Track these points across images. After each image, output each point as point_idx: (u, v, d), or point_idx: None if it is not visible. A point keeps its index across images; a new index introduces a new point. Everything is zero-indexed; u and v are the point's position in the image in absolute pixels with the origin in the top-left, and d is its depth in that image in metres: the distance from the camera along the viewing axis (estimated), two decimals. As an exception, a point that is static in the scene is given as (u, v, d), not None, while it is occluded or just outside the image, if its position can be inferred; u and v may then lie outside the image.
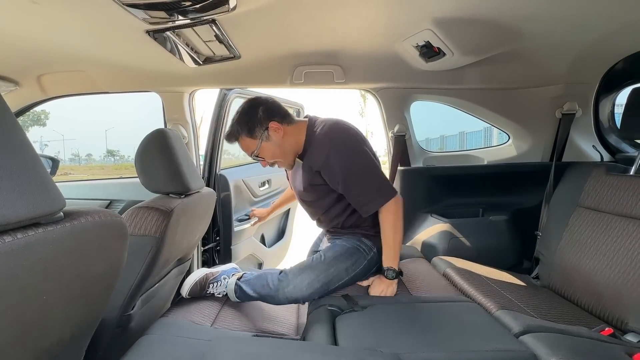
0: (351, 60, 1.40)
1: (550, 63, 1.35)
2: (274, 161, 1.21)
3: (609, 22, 1.05)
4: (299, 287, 1.12)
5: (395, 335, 0.84)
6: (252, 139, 1.16)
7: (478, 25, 1.08)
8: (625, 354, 0.81)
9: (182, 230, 1.19)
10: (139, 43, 1.04)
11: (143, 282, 1.01)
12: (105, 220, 0.59)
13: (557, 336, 0.84)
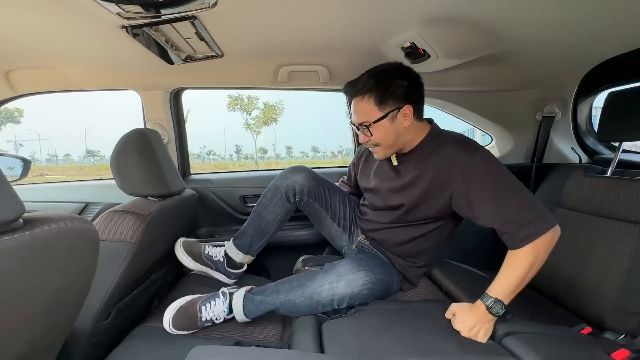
0: (337, 60, 1.39)
1: (531, 67, 1.37)
2: (377, 144, 1.03)
3: (585, 29, 1.07)
4: (353, 282, 0.99)
5: (381, 341, 0.83)
6: (378, 109, 0.97)
7: (462, 28, 1.09)
8: (604, 352, 0.83)
9: (162, 235, 1.14)
10: (114, 39, 1.00)
11: (119, 289, 0.96)
12: (72, 226, 0.55)
13: (538, 337, 0.85)
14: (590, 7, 0.94)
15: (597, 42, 1.17)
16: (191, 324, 1.03)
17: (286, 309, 1.02)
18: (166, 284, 1.54)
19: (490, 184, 0.89)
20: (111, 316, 1.00)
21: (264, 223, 1.24)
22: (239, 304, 1.04)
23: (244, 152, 30.46)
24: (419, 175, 1.01)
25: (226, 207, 1.68)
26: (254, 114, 21.43)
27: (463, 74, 1.44)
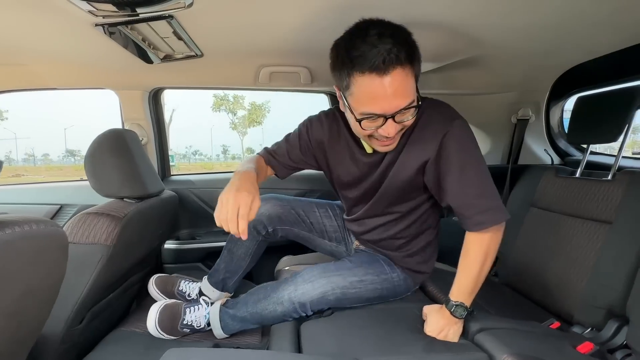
0: (318, 62, 1.39)
1: (506, 71, 1.42)
2: (404, 130, 0.84)
3: (555, 35, 1.12)
4: (310, 289, 0.94)
5: (359, 340, 0.84)
6: (414, 75, 0.77)
7: (438, 33, 1.11)
8: (570, 345, 0.86)
9: (139, 237, 1.12)
10: (87, 37, 0.97)
11: (93, 293, 0.94)
12: (39, 229, 0.54)
13: (509, 332, 0.88)
14: (559, 15, 0.98)
15: (566, 48, 1.22)
16: (173, 326, 1.03)
17: (256, 321, 1.00)
18: (145, 287, 1.51)
19: (461, 160, 0.83)
20: (85, 320, 0.98)
21: (236, 258, 1.19)
22: (216, 319, 1.02)
23: (230, 152, 30.10)
24: (403, 153, 0.89)
25: (207, 209, 1.66)
26: (239, 114, 21.21)
27: (440, 77, 1.48)
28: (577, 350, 0.85)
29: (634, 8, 0.92)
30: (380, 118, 0.76)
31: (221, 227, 0.81)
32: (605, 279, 0.97)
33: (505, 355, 0.77)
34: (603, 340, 0.92)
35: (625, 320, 0.91)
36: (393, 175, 0.92)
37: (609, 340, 0.91)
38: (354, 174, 1.01)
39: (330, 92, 1.67)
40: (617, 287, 0.94)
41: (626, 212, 0.99)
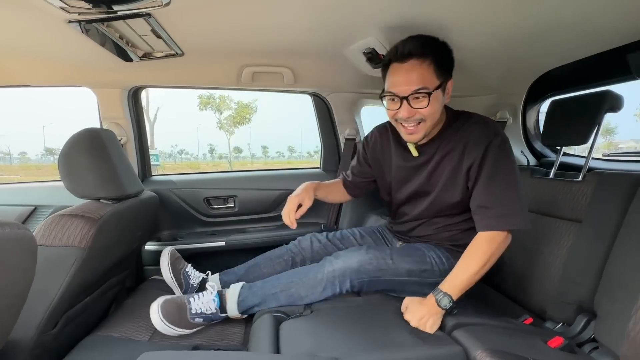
0: (301, 62, 1.40)
1: (484, 74, 1.46)
2: (422, 120, 0.92)
3: (530, 41, 1.16)
4: (349, 258, 0.98)
5: (338, 338, 0.85)
6: (437, 77, 0.89)
7: (418, 36, 1.14)
8: (542, 340, 0.90)
9: (117, 239, 1.10)
10: (61, 33, 0.95)
11: (67, 297, 0.92)
12: (5, 233, 0.52)
13: (485, 329, 0.91)
14: (533, 23, 1.02)
15: (540, 54, 1.27)
16: (181, 315, 1.00)
17: (287, 294, 1.02)
18: (125, 290, 1.48)
19: (499, 163, 0.91)
20: (59, 325, 0.95)
21: (257, 273, 1.21)
22: (234, 295, 1.04)
23: (217, 152, 29.73)
24: (445, 156, 0.98)
25: (189, 210, 1.64)
26: (226, 113, 20.95)
27: (422, 79, 1.50)
28: (548, 344, 0.88)
29: (600, 17, 0.97)
30: (398, 100, 0.92)
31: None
32: (575, 276, 1.01)
33: (480, 351, 0.80)
34: (573, 334, 0.96)
35: (593, 315, 0.95)
36: (435, 176, 1.01)
37: (578, 335, 0.95)
38: (401, 176, 1.10)
39: (313, 92, 1.67)
40: (586, 283, 0.98)
41: (594, 212, 1.04)
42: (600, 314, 0.92)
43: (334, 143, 1.76)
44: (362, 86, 1.57)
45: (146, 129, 1.68)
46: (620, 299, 0.87)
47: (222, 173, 1.84)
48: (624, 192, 0.98)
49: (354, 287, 1.01)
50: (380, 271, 1.00)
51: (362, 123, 1.77)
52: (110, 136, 1.13)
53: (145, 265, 1.60)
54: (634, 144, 20.05)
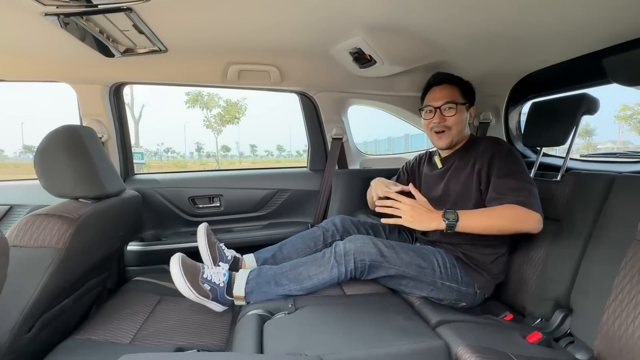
0: (288, 61, 1.39)
1: (468, 76, 1.47)
2: (449, 127, 1.17)
3: (511, 45, 1.19)
4: (353, 241, 1.07)
5: (322, 336, 0.85)
6: (462, 97, 1.18)
7: (404, 38, 1.15)
8: (520, 335, 0.92)
9: (97, 239, 1.07)
10: (37, 27, 0.91)
11: (43, 299, 0.89)
12: (-28, 233, 0.50)
13: (467, 325, 0.93)
14: (514, 27, 1.05)
15: (521, 57, 1.30)
16: (194, 276, 1.06)
17: (296, 272, 1.08)
18: (106, 292, 1.44)
19: (506, 166, 1.07)
20: (35, 329, 0.92)
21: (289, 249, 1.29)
22: (244, 274, 1.09)
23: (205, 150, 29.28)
24: (460, 165, 1.18)
25: (174, 209, 1.61)
26: (215, 111, 20.63)
27: (408, 80, 1.53)
28: (527, 339, 0.91)
29: (578, 23, 1.00)
30: (433, 110, 1.19)
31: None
32: (553, 273, 1.05)
33: (461, 347, 0.81)
34: (550, 329, 0.99)
35: (570, 311, 0.98)
36: (453, 182, 1.19)
37: (556, 330, 0.98)
38: (427, 182, 1.31)
39: (300, 92, 1.67)
40: (563, 280, 1.01)
41: (571, 211, 1.07)
42: (575, 309, 0.96)
43: (321, 142, 1.76)
44: (349, 86, 1.58)
45: (130, 126, 1.64)
46: (594, 295, 0.91)
47: (207, 172, 1.81)
48: (598, 191, 1.02)
49: (357, 269, 1.05)
50: (382, 257, 1.05)
51: (349, 122, 1.78)
52: (89, 133, 1.10)
53: (128, 266, 1.56)
54: (611, 144, 20.93)
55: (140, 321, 1.11)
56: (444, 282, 1.07)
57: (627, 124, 19.12)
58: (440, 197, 1.22)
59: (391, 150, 25.98)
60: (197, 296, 1.05)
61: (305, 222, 1.76)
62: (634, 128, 19.20)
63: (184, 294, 1.04)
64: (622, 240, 0.90)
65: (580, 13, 0.95)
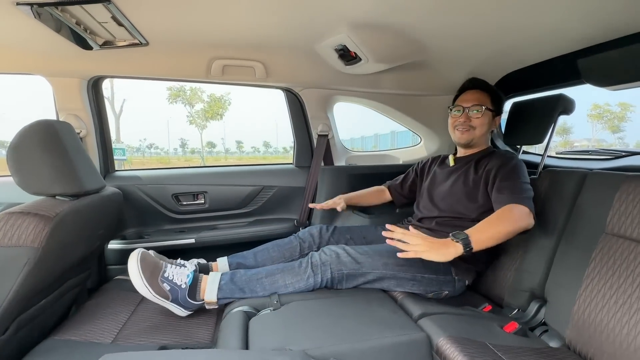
0: (273, 57, 1.38)
1: (451, 74, 1.52)
2: (473, 127, 1.24)
3: (491, 45, 1.22)
4: (332, 248, 1.09)
5: (307, 331, 0.86)
6: (491, 104, 1.25)
7: (388, 35, 1.16)
8: (498, 325, 0.96)
9: (75, 238, 1.04)
10: (8, 17, 0.87)
11: (19, 300, 0.86)
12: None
13: (447, 317, 0.96)
14: (494, 27, 1.08)
15: (501, 56, 1.34)
16: (154, 273, 1.03)
17: (272, 280, 1.07)
18: (86, 291, 1.40)
19: (510, 175, 1.13)
20: (10, 330, 0.89)
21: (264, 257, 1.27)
22: (216, 278, 1.06)
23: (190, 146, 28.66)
24: (473, 169, 1.24)
25: (157, 206, 1.58)
26: (198, 107, 20.19)
27: (393, 77, 1.54)
28: (504, 329, 0.95)
29: (554, 25, 1.04)
30: (461, 109, 1.26)
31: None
32: (528, 266, 1.09)
33: (442, 338, 0.84)
34: (526, 319, 1.03)
35: (544, 301, 1.03)
36: (461, 179, 1.25)
37: (531, 319, 1.03)
38: (437, 178, 1.35)
39: (286, 88, 1.66)
40: (538, 272, 1.06)
41: (548, 206, 1.12)
42: (549, 300, 1.00)
43: (307, 139, 1.76)
44: (334, 83, 1.58)
45: (111, 121, 1.60)
46: (566, 286, 0.95)
47: (191, 168, 1.78)
48: (572, 187, 1.07)
49: (334, 279, 1.07)
50: (358, 264, 1.08)
51: (334, 119, 1.78)
52: (66, 128, 1.06)
53: (109, 265, 1.52)
54: (587, 142, 21.93)
55: (123, 320, 1.09)
56: (424, 274, 1.10)
57: (599, 123, 20.03)
58: (447, 192, 1.26)
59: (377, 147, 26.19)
60: (154, 295, 1.01)
61: (291, 219, 1.76)
62: (607, 126, 20.12)
63: (140, 291, 1.01)
64: (592, 234, 0.94)
65: (555, 16, 0.98)
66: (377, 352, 0.82)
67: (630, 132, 20.90)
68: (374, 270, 1.09)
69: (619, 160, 1.33)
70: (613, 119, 19.52)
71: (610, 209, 0.92)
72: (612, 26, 1.03)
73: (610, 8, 0.93)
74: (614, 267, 0.86)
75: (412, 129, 1.93)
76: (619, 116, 19.30)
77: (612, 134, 20.78)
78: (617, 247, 0.88)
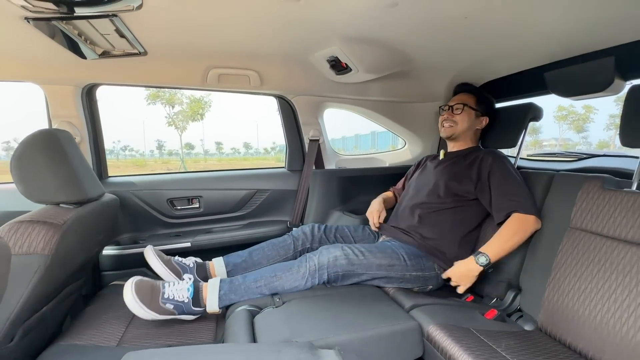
0: (267, 66, 1.44)
1: (433, 83, 1.63)
2: (456, 123, 1.37)
3: (470, 57, 1.34)
4: (326, 254, 1.13)
5: (310, 325, 0.93)
6: (475, 104, 1.37)
7: (377, 48, 1.25)
8: (479, 313, 1.07)
9: (79, 245, 1.06)
10: (12, 29, 0.89)
11: (27, 307, 0.88)
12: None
13: (435, 307, 1.06)
14: (470, 42, 1.19)
15: (477, 68, 1.47)
16: (153, 298, 1.03)
17: (271, 287, 1.11)
18: (81, 298, 1.40)
19: (504, 174, 1.22)
20: (17, 337, 0.90)
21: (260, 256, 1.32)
22: (215, 287, 1.09)
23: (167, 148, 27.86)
24: (461, 162, 1.34)
25: (152, 211, 1.60)
26: (177, 108, 19.72)
27: (380, 86, 1.64)
28: (485, 316, 1.06)
29: (522, 42, 1.16)
30: (447, 108, 1.41)
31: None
32: (505, 259, 1.21)
33: (432, 325, 0.94)
34: (504, 307, 1.14)
35: (519, 290, 1.14)
36: (448, 169, 1.36)
37: (508, 307, 1.14)
38: (427, 170, 1.47)
39: (279, 95, 1.72)
40: (513, 265, 1.18)
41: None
42: (524, 288, 1.12)
43: (299, 144, 1.83)
44: (325, 90, 1.65)
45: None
46: (538, 276, 1.07)
47: (186, 173, 1.80)
48: (542, 187, 1.19)
49: (331, 279, 1.15)
50: (353, 265, 1.15)
51: (325, 125, 1.86)
52: (67, 137, 1.07)
53: (104, 271, 1.52)
54: (554, 141, 23.34)
55: (125, 324, 1.11)
56: (411, 273, 1.20)
57: (565, 124, 21.34)
58: (434, 182, 1.36)
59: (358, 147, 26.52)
60: (161, 316, 1.04)
61: (284, 221, 1.82)
62: (572, 127, 21.43)
63: (145, 318, 1.02)
64: (558, 228, 1.07)
65: (523, 35, 1.11)
66: (376, 340, 0.90)
67: (593, 132, 22.37)
68: (368, 271, 1.17)
69: (581, 162, 1.48)
70: (578, 120, 20.81)
71: (573, 206, 1.04)
72: (572, 46, 1.17)
73: (571, 31, 1.06)
74: (577, 258, 0.98)
75: (397, 133, 2.04)
76: (582, 117, 20.60)
77: (577, 134, 22.13)
78: (580, 240, 1.00)
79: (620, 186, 1.00)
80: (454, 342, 0.87)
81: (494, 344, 0.88)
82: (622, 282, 0.86)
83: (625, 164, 1.28)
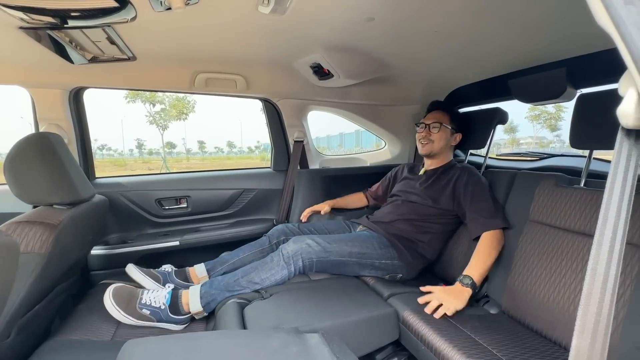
0: (253, 71, 1.50)
1: (410, 88, 1.74)
2: (432, 141, 1.46)
3: (442, 65, 1.45)
4: (299, 242, 1.20)
5: (296, 313, 1.01)
6: (449, 122, 1.46)
7: (357, 56, 1.34)
8: None
9: (72, 244, 1.10)
10: (7, 37, 0.92)
11: (24, 305, 0.91)
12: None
13: (411, 295, 1.16)
14: (442, 52, 1.30)
15: (450, 75, 1.58)
16: (130, 301, 1.08)
17: (248, 279, 1.16)
18: (70, 297, 1.43)
19: (476, 191, 1.32)
20: (13, 334, 0.93)
21: (239, 256, 1.38)
22: (196, 291, 1.12)
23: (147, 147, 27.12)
24: (440, 179, 1.43)
25: (140, 212, 1.63)
26: (158, 106, 19.27)
27: (361, 90, 1.74)
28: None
29: (488, 53, 1.28)
30: (424, 126, 1.49)
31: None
32: (473, 250, 1.32)
33: (407, 311, 1.04)
34: (472, 293, 1.26)
35: (486, 278, 1.26)
36: (431, 187, 1.44)
37: (477, 293, 1.25)
38: (408, 184, 1.55)
39: (264, 98, 1.78)
40: None
41: (487, 200, 1.36)
42: (490, 276, 1.24)
43: (284, 145, 1.90)
44: (309, 94, 1.73)
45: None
46: (502, 264, 1.19)
47: (174, 174, 1.84)
48: (505, 184, 1.32)
49: (305, 266, 1.21)
50: (325, 252, 1.23)
51: (309, 127, 1.94)
52: (58, 140, 1.10)
53: (92, 271, 1.55)
54: (530, 139, 24.36)
55: (116, 321, 1.15)
56: (381, 261, 1.31)
57: (538, 123, 22.33)
58: (418, 195, 1.46)
59: (343, 145, 26.72)
60: (137, 321, 1.07)
61: (270, 219, 1.88)
62: (545, 125, 22.42)
63: (123, 322, 1.08)
64: (520, 221, 1.19)
65: (487, 47, 1.22)
66: (356, 325, 0.99)
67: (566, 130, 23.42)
68: (341, 258, 1.26)
69: (542, 161, 1.62)
70: (550, 119, 21.75)
71: (532, 201, 1.17)
72: (530, 57, 1.29)
73: (528, 45, 1.18)
74: (535, 247, 1.10)
75: (378, 134, 2.14)
76: (554, 116, 21.55)
77: (551, 132, 23.13)
78: (537, 232, 1.12)
79: (571, 183, 1.12)
80: (425, 324, 0.97)
81: (461, 325, 0.99)
82: (571, 267, 0.99)
83: (578, 163, 1.42)
